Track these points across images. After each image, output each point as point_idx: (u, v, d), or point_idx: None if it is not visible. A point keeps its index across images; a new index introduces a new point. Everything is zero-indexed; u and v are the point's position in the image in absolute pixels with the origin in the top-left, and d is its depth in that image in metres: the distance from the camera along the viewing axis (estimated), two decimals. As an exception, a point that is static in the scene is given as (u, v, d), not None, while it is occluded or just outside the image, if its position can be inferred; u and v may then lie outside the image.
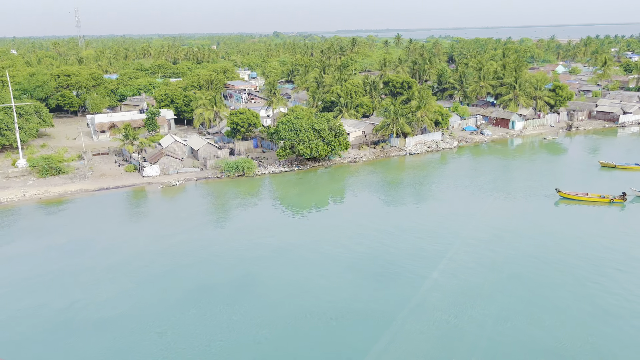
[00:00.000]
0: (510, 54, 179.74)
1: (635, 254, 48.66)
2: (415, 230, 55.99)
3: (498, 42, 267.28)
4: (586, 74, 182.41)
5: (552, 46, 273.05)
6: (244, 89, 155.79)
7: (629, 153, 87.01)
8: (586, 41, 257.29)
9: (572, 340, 35.95)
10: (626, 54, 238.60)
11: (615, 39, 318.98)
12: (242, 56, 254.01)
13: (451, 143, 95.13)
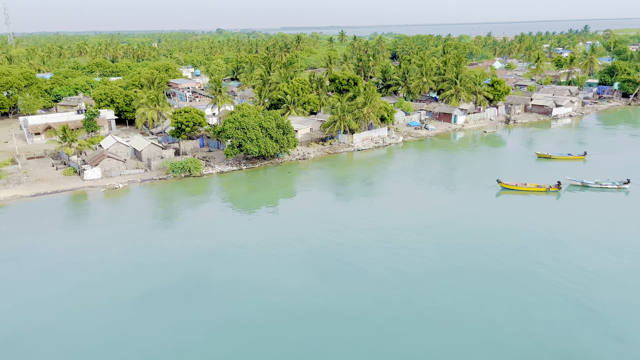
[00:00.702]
0: (450, 50, 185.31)
1: (570, 240, 51.38)
2: (366, 225, 56.71)
3: (439, 39, 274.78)
4: (521, 69, 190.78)
5: (489, 43, 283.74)
6: (187, 87, 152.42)
7: (563, 144, 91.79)
8: (520, 38, 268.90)
9: (515, 327, 37.54)
10: (557, 50, 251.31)
11: (547, 36, 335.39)
12: (184, 54, 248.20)
13: (397, 138, 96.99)
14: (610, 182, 66.78)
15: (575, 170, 73.71)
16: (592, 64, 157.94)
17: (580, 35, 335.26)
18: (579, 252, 48.42)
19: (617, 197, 63.60)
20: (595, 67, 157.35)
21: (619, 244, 49.88)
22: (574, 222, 56.06)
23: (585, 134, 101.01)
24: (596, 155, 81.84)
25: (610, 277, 43.46)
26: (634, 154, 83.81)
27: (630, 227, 53.93)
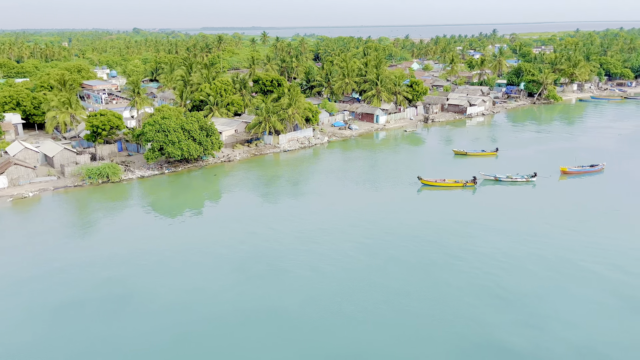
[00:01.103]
0: (371, 52, 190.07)
1: (484, 232, 54.51)
2: (293, 226, 56.85)
3: (359, 41, 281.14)
4: (437, 70, 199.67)
5: (407, 45, 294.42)
6: (103, 89, 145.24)
7: (477, 141, 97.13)
8: (436, 40, 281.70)
9: (437, 319, 39.25)
10: (469, 52, 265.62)
11: (460, 39, 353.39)
12: (98, 54, 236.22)
13: (322, 139, 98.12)
14: (519, 176, 71.54)
15: (488, 166, 78.21)
16: (501, 66, 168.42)
17: (489, 39, 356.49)
18: (493, 243, 51.43)
19: (526, 190, 68.27)
20: (504, 68, 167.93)
21: (528, 233, 53.55)
22: (488, 214, 59.47)
23: (497, 131, 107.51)
24: (507, 151, 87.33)
25: (521, 265, 46.54)
26: (540, 149, 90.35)
27: (537, 217, 58.08)
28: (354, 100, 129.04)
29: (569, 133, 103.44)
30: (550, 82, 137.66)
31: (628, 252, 48.30)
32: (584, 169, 74.48)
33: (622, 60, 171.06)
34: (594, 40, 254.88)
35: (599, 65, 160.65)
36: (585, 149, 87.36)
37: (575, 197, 64.42)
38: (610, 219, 56.87)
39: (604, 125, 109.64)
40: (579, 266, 46.03)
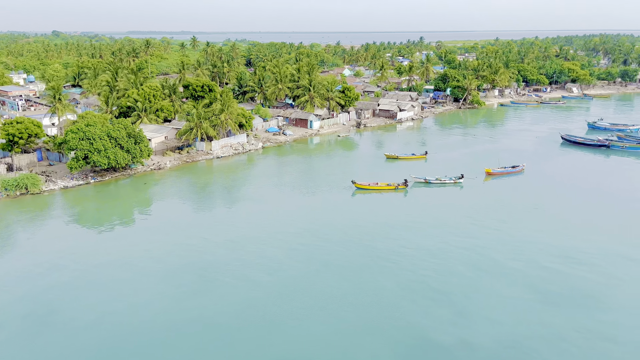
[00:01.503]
0: (303, 58, 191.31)
1: (417, 233, 56.22)
2: (229, 233, 55.89)
3: (291, 47, 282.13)
4: (368, 76, 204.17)
5: (339, 51, 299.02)
6: (19, 95, 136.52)
7: (407, 145, 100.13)
8: (366, 47, 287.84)
9: (376, 319, 39.95)
10: (398, 59, 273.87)
11: (389, 46, 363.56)
12: (14, 58, 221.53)
13: (256, 144, 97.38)
14: (448, 178, 74.45)
15: (418, 169, 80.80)
16: (428, 72, 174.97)
17: (417, 46, 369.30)
18: (424, 244, 53.08)
19: (454, 191, 71.14)
20: (431, 74, 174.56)
21: (455, 233, 55.75)
22: (419, 216, 61.37)
23: (426, 135, 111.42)
24: (435, 154, 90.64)
25: (450, 265, 48.33)
26: (466, 151, 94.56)
27: (464, 217, 60.64)
28: (288, 105, 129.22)
29: (492, 136, 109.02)
30: (474, 87, 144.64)
31: (546, 249, 51.42)
32: (506, 170, 78.70)
33: (538, 67, 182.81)
34: (512, 48, 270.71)
35: (517, 72, 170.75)
36: (507, 151, 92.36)
37: (499, 197, 67.88)
38: (531, 217, 60.40)
39: (523, 128, 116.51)
40: (502, 263, 48.46)
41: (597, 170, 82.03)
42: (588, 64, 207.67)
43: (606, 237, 54.27)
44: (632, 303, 41.51)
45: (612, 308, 40.82)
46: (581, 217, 60.01)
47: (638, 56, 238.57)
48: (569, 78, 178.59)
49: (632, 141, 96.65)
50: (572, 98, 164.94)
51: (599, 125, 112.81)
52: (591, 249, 51.19)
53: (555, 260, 48.88)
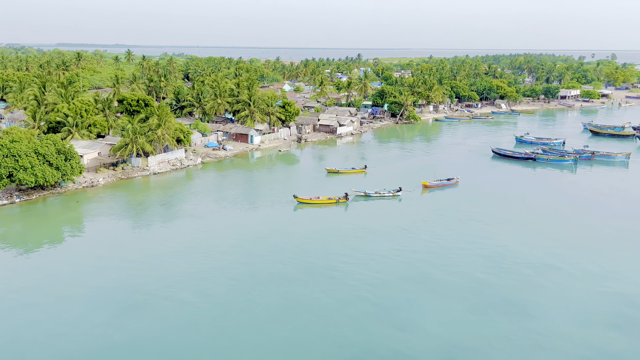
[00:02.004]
0: (242, 72, 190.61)
1: (358, 246, 56.97)
2: (169, 251, 54.22)
3: (231, 62, 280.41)
4: (308, 92, 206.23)
5: (278, 67, 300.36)
6: None
7: (347, 159, 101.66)
8: (305, 63, 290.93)
9: (320, 332, 39.96)
10: (337, 75, 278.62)
11: (328, 62, 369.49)
12: None
13: (195, 160, 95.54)
14: (386, 191, 76.11)
15: (358, 182, 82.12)
16: (366, 88, 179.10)
17: (355, 63, 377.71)
18: (365, 257, 53.78)
19: (393, 204, 72.82)
20: (369, 90, 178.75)
21: (394, 246, 56.92)
22: (360, 229, 62.21)
23: (365, 149, 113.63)
24: (374, 168, 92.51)
25: (391, 277, 49.24)
26: (404, 165, 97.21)
27: (404, 229, 62.12)
28: (228, 120, 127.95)
29: (428, 150, 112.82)
30: (410, 103, 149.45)
31: (480, 259, 53.40)
32: (442, 183, 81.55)
33: (469, 84, 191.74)
34: (445, 66, 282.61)
35: (450, 89, 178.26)
36: (442, 164, 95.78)
37: (435, 209, 70.09)
38: (466, 228, 62.75)
39: (457, 142, 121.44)
40: (439, 275, 49.82)
41: (525, 182, 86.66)
42: (514, 82, 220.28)
43: (535, 245, 57.25)
44: (558, 310, 43.87)
45: (539, 315, 42.86)
46: (512, 227, 63.03)
47: (559, 74, 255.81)
48: (497, 94, 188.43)
49: (555, 154, 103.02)
50: (500, 113, 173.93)
51: (526, 139, 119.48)
52: (521, 258, 53.77)
53: (488, 270, 50.89)
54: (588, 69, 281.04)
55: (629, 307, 43.79)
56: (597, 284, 47.63)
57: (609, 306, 43.84)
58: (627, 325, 41.11)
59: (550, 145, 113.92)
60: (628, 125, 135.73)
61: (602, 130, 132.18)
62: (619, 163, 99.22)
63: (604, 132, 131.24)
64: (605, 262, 52.53)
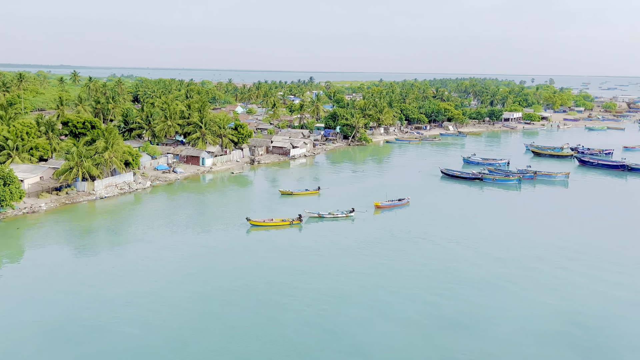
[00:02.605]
0: (194, 95, 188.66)
1: (311, 268, 56.77)
2: (116, 279, 52.12)
3: (181, 84, 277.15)
4: (261, 114, 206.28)
5: (231, 89, 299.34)
6: None
7: (301, 181, 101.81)
8: (258, 85, 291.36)
9: (276, 356, 39.25)
10: (290, 97, 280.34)
11: (280, 84, 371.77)
12: None
13: (144, 183, 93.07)
14: (340, 212, 76.55)
15: (312, 204, 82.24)
16: (318, 110, 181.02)
17: (307, 85, 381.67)
18: (319, 278, 53.63)
19: (346, 224, 73.25)
20: (321, 113, 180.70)
21: (348, 266, 57.15)
22: (313, 251, 62.12)
23: (318, 171, 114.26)
24: (328, 189, 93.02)
25: (345, 298, 49.23)
26: (356, 186, 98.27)
27: (357, 249, 62.50)
28: (178, 142, 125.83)
29: (380, 171, 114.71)
30: (362, 125, 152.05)
31: (428, 280, 54.09)
32: (394, 203, 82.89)
33: (418, 107, 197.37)
34: (395, 89, 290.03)
35: (400, 111, 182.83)
36: (393, 185, 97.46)
37: (388, 229, 70.99)
38: (416, 248, 63.81)
39: (407, 163, 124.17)
40: (393, 295, 50.21)
41: (473, 201, 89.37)
42: (461, 105, 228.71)
43: (482, 264, 58.84)
44: (504, 328, 45.04)
45: (487, 335, 43.86)
46: (460, 246, 64.58)
47: (502, 98, 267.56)
48: (445, 117, 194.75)
49: (500, 174, 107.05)
50: (448, 135, 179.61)
51: (473, 160, 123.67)
52: (469, 277, 55.04)
53: (437, 290, 51.66)
54: (529, 92, 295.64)
55: (569, 324, 45.43)
56: (540, 301, 49.21)
57: (553, 323, 45.31)
58: (569, 341, 42.66)
59: (495, 165, 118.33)
60: (566, 146, 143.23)
61: (542, 151, 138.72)
62: (559, 182, 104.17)
63: (544, 152, 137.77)
64: (548, 279, 54.55)
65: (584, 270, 56.57)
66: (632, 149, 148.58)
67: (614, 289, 51.90)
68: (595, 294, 50.53)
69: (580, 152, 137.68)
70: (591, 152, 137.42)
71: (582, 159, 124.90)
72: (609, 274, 55.63)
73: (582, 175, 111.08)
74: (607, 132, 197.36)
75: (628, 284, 53.17)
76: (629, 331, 43.83)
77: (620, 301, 49.29)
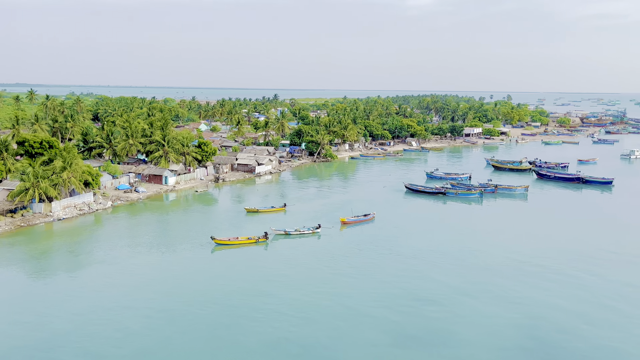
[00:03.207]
0: (156, 113, 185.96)
1: (277, 288, 56.20)
2: (73, 305, 50.20)
3: (143, 101, 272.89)
4: (225, 131, 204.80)
5: (194, 107, 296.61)
6: None
7: (267, 198, 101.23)
8: (222, 103, 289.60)
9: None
10: (254, 115, 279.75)
11: (245, 102, 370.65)
12: None
13: (105, 203, 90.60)
14: (306, 229, 76.34)
15: (278, 221, 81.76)
16: (284, 127, 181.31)
17: (272, 103, 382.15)
18: (285, 298, 52.94)
19: (312, 241, 73.06)
20: (286, 130, 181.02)
21: (316, 284, 56.81)
22: (279, 269, 61.52)
23: (284, 188, 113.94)
24: (294, 206, 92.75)
25: (311, 317, 48.75)
26: (322, 202, 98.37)
27: (324, 266, 62.32)
28: (140, 161, 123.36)
29: (345, 187, 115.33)
30: (327, 142, 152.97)
31: (396, 293, 54.27)
32: (359, 219, 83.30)
33: (382, 123, 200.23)
34: (359, 106, 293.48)
35: (364, 128, 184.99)
36: (359, 201, 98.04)
37: (354, 244, 71.11)
38: (383, 262, 64.12)
39: (372, 179, 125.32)
40: (360, 311, 49.91)
41: (436, 215, 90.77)
42: (423, 121, 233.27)
43: (448, 276, 59.58)
44: (474, 339, 45.63)
45: (456, 345, 44.31)
46: (426, 259, 65.28)
47: (462, 114, 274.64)
48: (408, 133, 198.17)
49: (463, 188, 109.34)
50: (412, 151, 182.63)
51: (436, 175, 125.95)
52: (435, 289, 55.62)
53: (406, 302, 52.00)
54: (488, 108, 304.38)
55: (530, 338, 46.18)
56: (502, 316, 49.72)
57: (513, 338, 45.81)
58: (529, 356, 43.51)
59: (458, 179, 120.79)
60: (525, 160, 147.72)
61: (502, 165, 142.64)
62: (519, 195, 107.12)
63: (504, 166, 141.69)
64: (509, 292, 55.53)
65: (543, 283, 57.77)
66: (586, 162, 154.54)
67: (573, 301, 53.24)
68: (554, 307, 51.64)
69: (538, 165, 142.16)
70: (548, 166, 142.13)
71: (540, 173, 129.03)
72: (568, 286, 57.11)
73: (540, 188, 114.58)
74: (562, 146, 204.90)
75: (585, 296, 54.63)
76: (587, 344, 44.98)
77: (578, 314, 50.64)
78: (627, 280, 58.52)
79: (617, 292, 55.29)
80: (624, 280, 58.66)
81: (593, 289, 56.03)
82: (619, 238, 75.45)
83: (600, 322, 48.30)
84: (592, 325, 47.56)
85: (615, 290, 55.78)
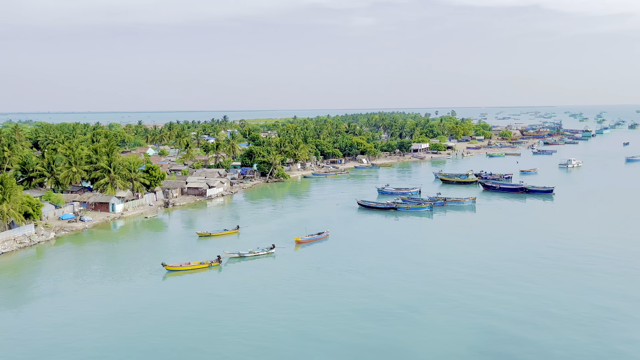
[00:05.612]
0: (100, 138, 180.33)
1: (233, 312, 55.13)
2: (16, 345, 47.28)
3: (87, 127, 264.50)
4: (174, 155, 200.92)
5: (141, 131, 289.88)
6: None
7: (220, 221, 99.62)
8: (169, 126, 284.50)
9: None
10: (203, 137, 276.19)
11: (193, 124, 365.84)
12: None
13: (48, 235, 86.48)
14: (260, 250, 75.56)
15: (232, 244, 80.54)
16: (234, 149, 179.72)
17: (221, 124, 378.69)
18: (242, 322, 52.05)
19: (267, 262, 72.33)
20: (237, 151, 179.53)
21: (274, 306, 56.09)
22: (233, 295, 60.25)
23: (237, 210, 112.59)
24: (247, 228, 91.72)
25: (272, 341, 48.01)
26: (276, 222, 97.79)
27: (279, 288, 61.68)
28: (85, 189, 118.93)
29: (299, 206, 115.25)
30: (278, 162, 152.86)
31: (354, 312, 54.06)
32: (313, 237, 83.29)
33: (332, 141, 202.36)
34: (309, 125, 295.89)
35: (315, 147, 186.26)
36: (312, 219, 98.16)
37: (309, 264, 70.91)
38: (339, 281, 64.18)
39: (325, 197, 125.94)
40: (317, 334, 49.50)
41: (389, 230, 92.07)
42: (372, 138, 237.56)
43: (404, 289, 60.32)
44: (432, 352, 46.24)
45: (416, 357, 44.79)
46: (382, 274, 65.89)
47: (410, 130, 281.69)
48: (358, 150, 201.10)
49: (413, 202, 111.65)
50: (362, 168, 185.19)
51: (387, 190, 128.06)
52: (391, 303, 56.14)
53: (364, 321, 52.06)
54: (434, 124, 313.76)
55: (488, 343, 47.55)
56: (459, 324, 50.79)
57: (472, 346, 47.08)
58: (491, 355, 44.57)
59: (408, 194, 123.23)
60: (471, 173, 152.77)
61: (450, 179, 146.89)
62: (467, 207, 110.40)
63: (451, 180, 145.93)
64: (464, 301, 56.87)
65: (492, 294, 59.36)
66: (528, 173, 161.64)
67: (527, 305, 55.08)
68: (508, 313, 53.28)
69: (484, 177, 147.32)
70: (493, 177, 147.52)
71: (486, 184, 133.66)
72: (521, 290, 59.08)
73: (487, 200, 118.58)
74: (505, 158, 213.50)
75: (532, 304, 56.64)
76: (545, 349, 46.53)
77: (533, 317, 52.40)
78: (571, 287, 61.14)
79: (561, 298, 57.62)
80: (569, 287, 61.26)
81: (539, 296, 58.11)
82: (563, 245, 78.95)
83: (547, 328, 50.08)
84: (540, 330, 49.25)
85: (560, 296, 58.12)
